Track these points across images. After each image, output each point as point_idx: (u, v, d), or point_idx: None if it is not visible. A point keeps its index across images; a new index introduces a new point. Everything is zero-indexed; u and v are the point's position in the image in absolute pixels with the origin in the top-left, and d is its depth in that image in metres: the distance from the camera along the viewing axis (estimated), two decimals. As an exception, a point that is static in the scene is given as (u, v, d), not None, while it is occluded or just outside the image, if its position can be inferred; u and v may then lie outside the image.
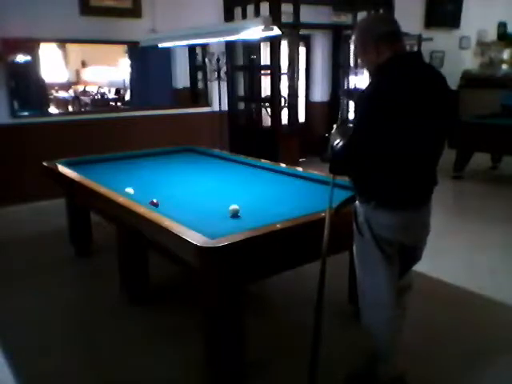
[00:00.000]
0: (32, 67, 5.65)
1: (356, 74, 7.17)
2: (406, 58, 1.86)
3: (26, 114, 5.31)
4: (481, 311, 2.90)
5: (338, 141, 1.95)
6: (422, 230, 1.95)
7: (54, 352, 2.55)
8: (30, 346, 2.61)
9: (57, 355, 2.53)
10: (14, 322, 2.86)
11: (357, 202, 1.95)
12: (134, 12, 5.48)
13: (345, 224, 2.06)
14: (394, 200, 1.82)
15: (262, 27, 2.98)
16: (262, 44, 6.00)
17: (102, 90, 8.96)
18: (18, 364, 2.44)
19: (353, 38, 1.91)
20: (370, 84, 1.82)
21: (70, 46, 8.35)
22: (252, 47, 6.02)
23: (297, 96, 6.20)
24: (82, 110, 8.18)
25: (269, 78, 5.77)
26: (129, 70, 6.87)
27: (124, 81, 8.16)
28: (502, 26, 9.10)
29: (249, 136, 6.07)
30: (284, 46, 6.00)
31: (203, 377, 2.29)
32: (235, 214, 2.37)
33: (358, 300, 2.09)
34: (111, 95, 8.80)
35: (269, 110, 6.08)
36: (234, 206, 2.39)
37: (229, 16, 5.80)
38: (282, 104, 6.11)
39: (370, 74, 1.90)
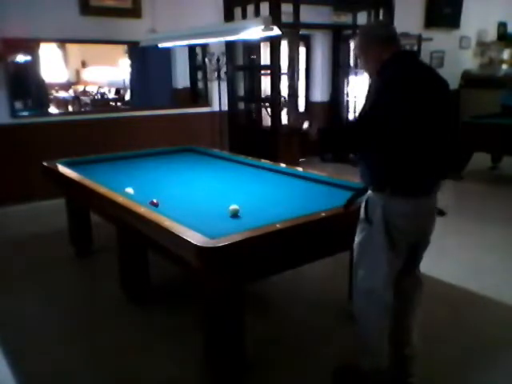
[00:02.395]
0: (32, 67, 5.65)
1: (356, 74, 7.18)
2: (406, 55, 2.02)
3: (26, 114, 5.32)
4: (481, 311, 2.90)
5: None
6: (430, 217, 2.00)
7: (53, 352, 2.55)
8: (30, 345, 2.61)
9: (57, 355, 2.53)
10: (14, 322, 2.86)
11: (370, 191, 1.97)
12: (134, 12, 5.48)
13: (345, 225, 2.06)
14: (407, 187, 1.88)
15: (262, 27, 2.98)
16: (262, 44, 6.00)
17: (101, 90, 8.95)
18: (18, 364, 2.44)
19: (355, 42, 2.06)
20: (379, 78, 1.93)
21: (70, 46, 8.35)
22: (252, 47, 6.02)
23: (297, 96, 6.20)
24: (82, 109, 8.17)
25: (269, 78, 5.77)
26: (129, 70, 6.88)
27: (124, 81, 8.16)
28: (502, 26, 9.10)
29: (249, 136, 6.07)
30: (284, 45, 6.00)
31: (203, 376, 2.29)
32: (235, 214, 2.37)
33: (353, 290, 2.11)
34: (111, 95, 8.79)
35: (269, 109, 6.08)
36: (233, 206, 2.39)
37: (229, 16, 5.80)
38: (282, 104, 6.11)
39: (371, 76, 2.02)
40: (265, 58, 6.04)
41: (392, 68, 1.89)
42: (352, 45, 7.22)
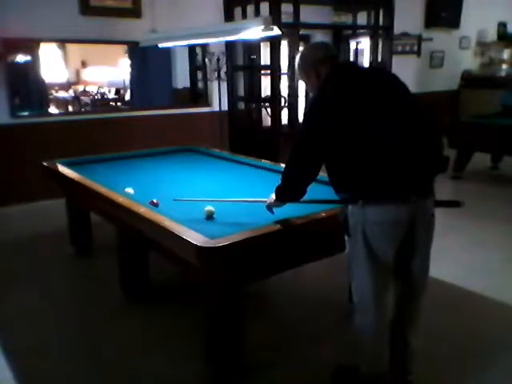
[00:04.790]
0: (32, 67, 5.65)
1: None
2: (342, 66, 2.03)
3: (26, 114, 5.31)
4: (481, 311, 2.90)
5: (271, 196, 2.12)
6: (417, 225, 1.87)
7: (54, 352, 2.56)
8: (30, 345, 2.61)
9: (57, 355, 2.53)
10: (14, 322, 2.86)
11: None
12: (134, 12, 5.48)
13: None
14: (377, 195, 1.82)
15: (262, 27, 2.99)
16: (261, 44, 5.99)
17: (102, 90, 8.95)
18: (18, 364, 2.44)
19: (295, 67, 2.09)
20: (314, 94, 1.96)
21: (70, 46, 8.35)
22: (252, 47, 6.01)
23: (297, 96, 6.19)
24: (82, 110, 8.18)
25: (269, 78, 5.76)
26: (129, 69, 6.88)
27: (124, 81, 8.16)
28: (501, 25, 9.09)
29: (249, 136, 6.06)
30: (284, 46, 5.99)
31: (203, 376, 2.29)
32: (210, 216, 2.33)
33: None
34: (111, 95, 8.80)
35: (269, 110, 6.08)
36: (208, 208, 2.35)
37: (229, 16, 5.80)
38: (282, 104, 6.11)
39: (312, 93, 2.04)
40: (265, 58, 6.04)
41: (330, 81, 1.91)
42: (352, 45, 7.24)
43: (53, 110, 7.13)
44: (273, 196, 2.12)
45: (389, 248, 1.87)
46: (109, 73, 8.96)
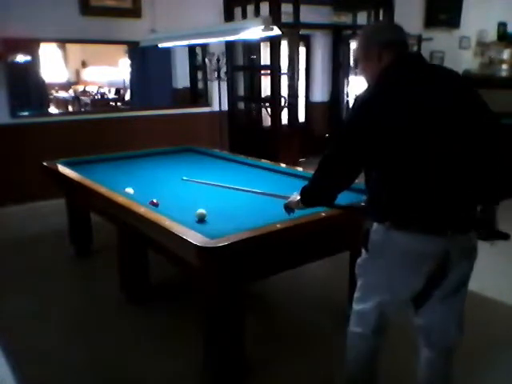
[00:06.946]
0: (32, 67, 5.64)
1: (356, 74, 7.17)
2: (409, 57, 1.69)
3: (26, 114, 5.31)
4: (481, 311, 2.90)
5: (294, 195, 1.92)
6: (451, 262, 1.65)
7: (54, 352, 2.55)
8: (30, 346, 2.61)
9: (57, 355, 2.53)
10: (14, 323, 2.86)
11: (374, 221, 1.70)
12: (134, 12, 5.48)
13: (345, 225, 2.06)
14: (409, 220, 1.57)
15: (262, 27, 2.99)
16: (262, 44, 5.99)
17: (101, 90, 8.96)
18: (18, 364, 2.44)
19: (356, 43, 1.77)
20: (368, 89, 1.69)
21: (70, 46, 8.36)
22: (252, 47, 6.02)
23: (297, 96, 6.20)
24: (82, 109, 8.18)
25: (269, 78, 5.77)
26: (129, 70, 6.88)
27: (124, 81, 8.17)
28: (501, 26, 9.09)
29: (249, 136, 6.06)
30: (284, 46, 5.99)
31: (203, 376, 2.29)
32: (202, 219, 2.31)
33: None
34: (111, 95, 8.80)
35: (269, 109, 6.08)
36: (200, 211, 2.33)
37: (229, 16, 5.80)
38: (282, 104, 6.11)
39: (368, 84, 1.72)
40: (265, 58, 6.04)
41: (389, 76, 1.61)
42: (352, 45, 7.23)
43: (53, 109, 7.14)
44: (296, 196, 1.89)
45: (410, 281, 1.67)
46: (109, 73, 8.96)
